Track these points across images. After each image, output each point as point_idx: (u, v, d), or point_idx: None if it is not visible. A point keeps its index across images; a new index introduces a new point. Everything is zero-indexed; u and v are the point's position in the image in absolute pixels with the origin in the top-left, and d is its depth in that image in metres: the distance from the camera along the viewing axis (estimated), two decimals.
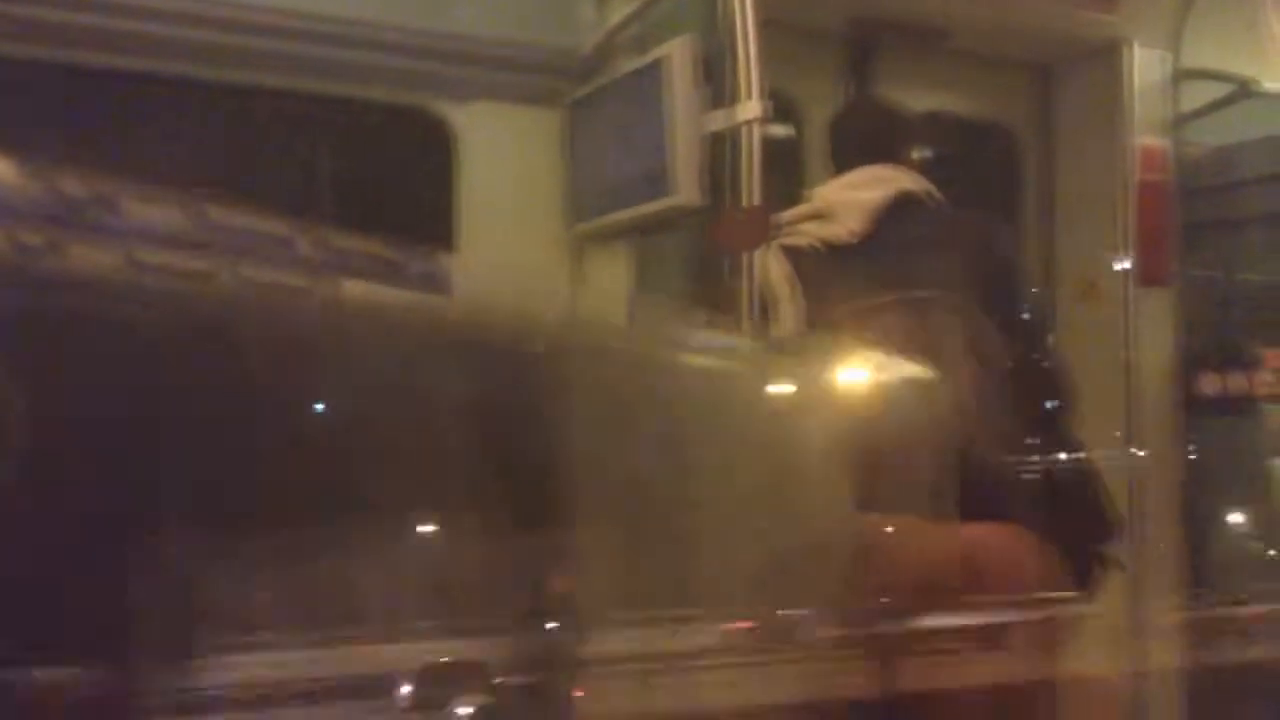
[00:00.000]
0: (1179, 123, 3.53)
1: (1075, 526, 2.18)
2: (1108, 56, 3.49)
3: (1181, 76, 3.52)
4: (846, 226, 2.45)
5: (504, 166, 2.94)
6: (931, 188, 2.55)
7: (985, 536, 0.43)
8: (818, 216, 2.52)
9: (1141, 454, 3.34)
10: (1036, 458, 2.21)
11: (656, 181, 2.65)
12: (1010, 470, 2.12)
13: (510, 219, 2.92)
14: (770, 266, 2.44)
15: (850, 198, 2.50)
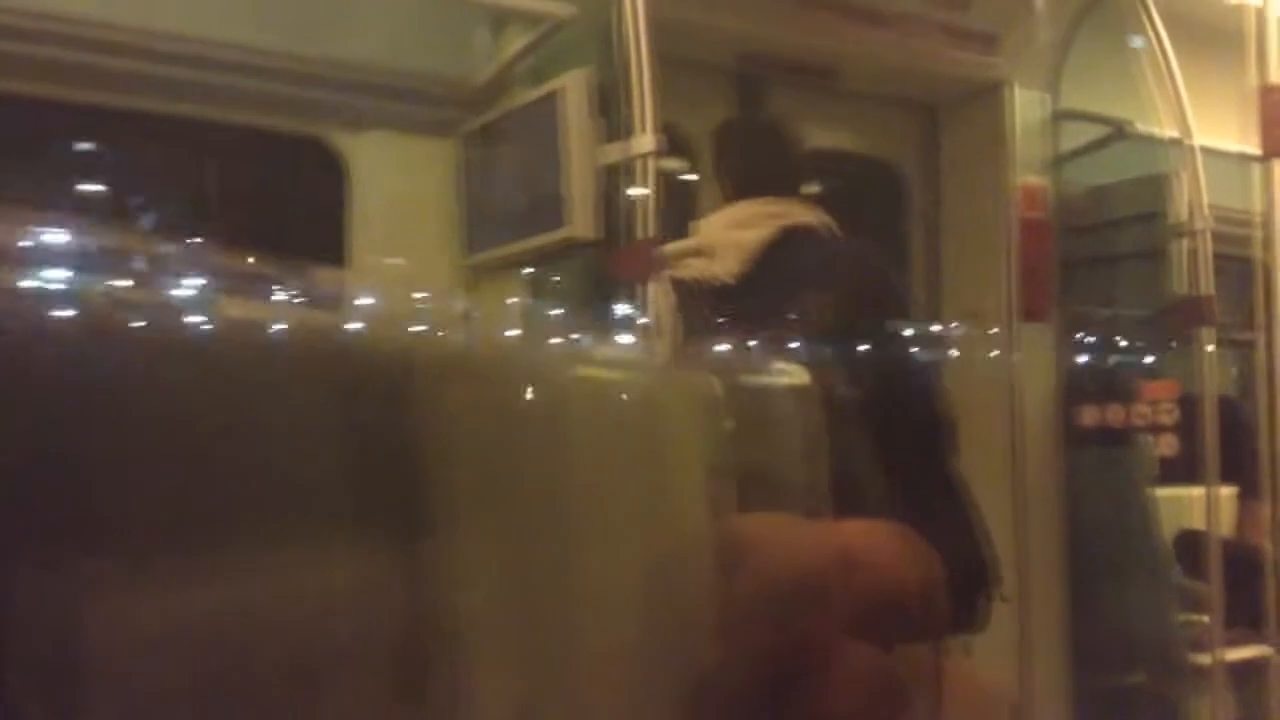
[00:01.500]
0: (1058, 162, 3.62)
1: (955, 561, 2.19)
2: (990, 97, 3.57)
3: (1060, 117, 3.62)
4: (725, 266, 2.43)
5: (398, 196, 2.91)
6: (824, 217, 2.54)
7: (865, 531, 0.42)
8: (699, 253, 2.50)
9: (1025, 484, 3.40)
10: (916, 491, 2.22)
11: (551, 213, 2.65)
12: (887, 498, 2.13)
13: (403, 249, 2.89)
14: (659, 299, 2.43)
15: (730, 238, 2.47)
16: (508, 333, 0.38)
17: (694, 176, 3.13)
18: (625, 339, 2.16)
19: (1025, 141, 3.54)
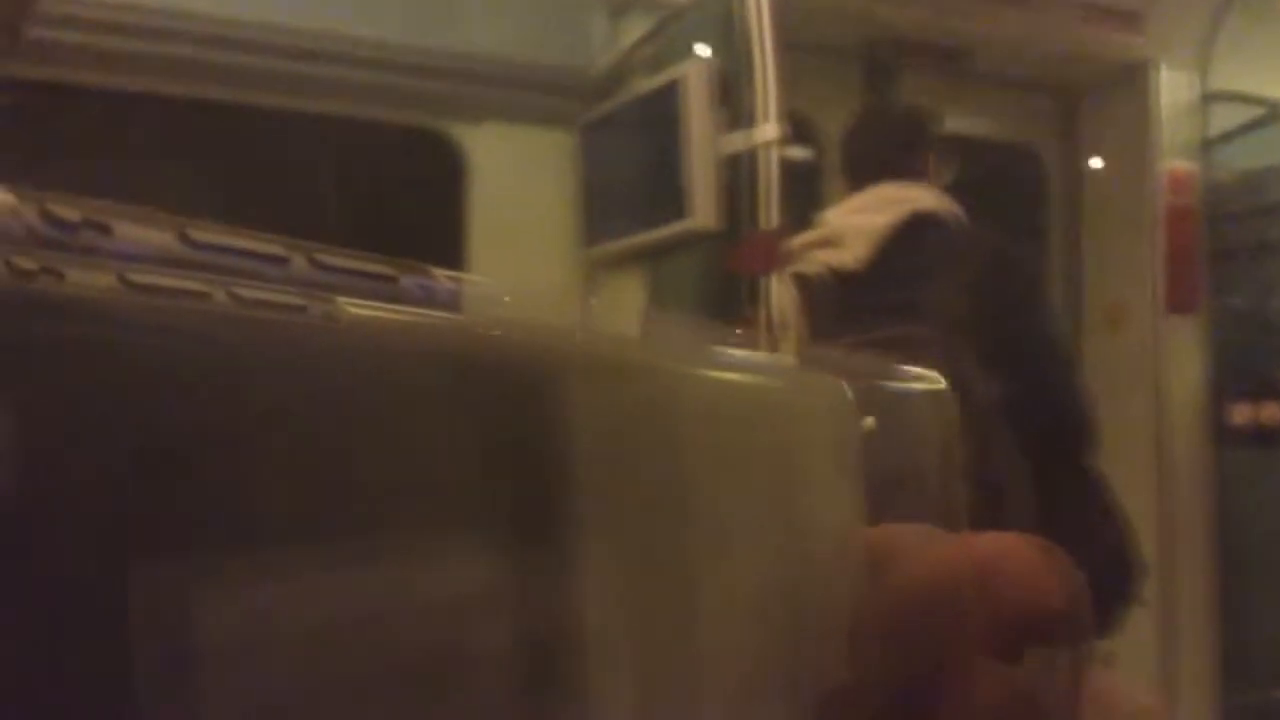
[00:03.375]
0: (1207, 146, 3.47)
1: (1097, 565, 2.12)
2: (1135, 79, 3.43)
3: (1210, 99, 3.47)
4: (854, 253, 2.33)
5: (516, 188, 2.90)
6: (952, 205, 2.43)
7: (1004, 544, 0.39)
8: (826, 243, 2.40)
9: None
10: (1056, 493, 2.15)
11: (672, 204, 2.60)
12: (1026, 503, 2.06)
13: (522, 242, 2.87)
14: (780, 294, 2.36)
15: (857, 223, 2.37)
16: (630, 334, 0.36)
17: (817, 165, 3.06)
18: (749, 339, 2.10)
19: (1172, 125, 3.39)
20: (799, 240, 2.45)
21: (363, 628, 0.25)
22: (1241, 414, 3.42)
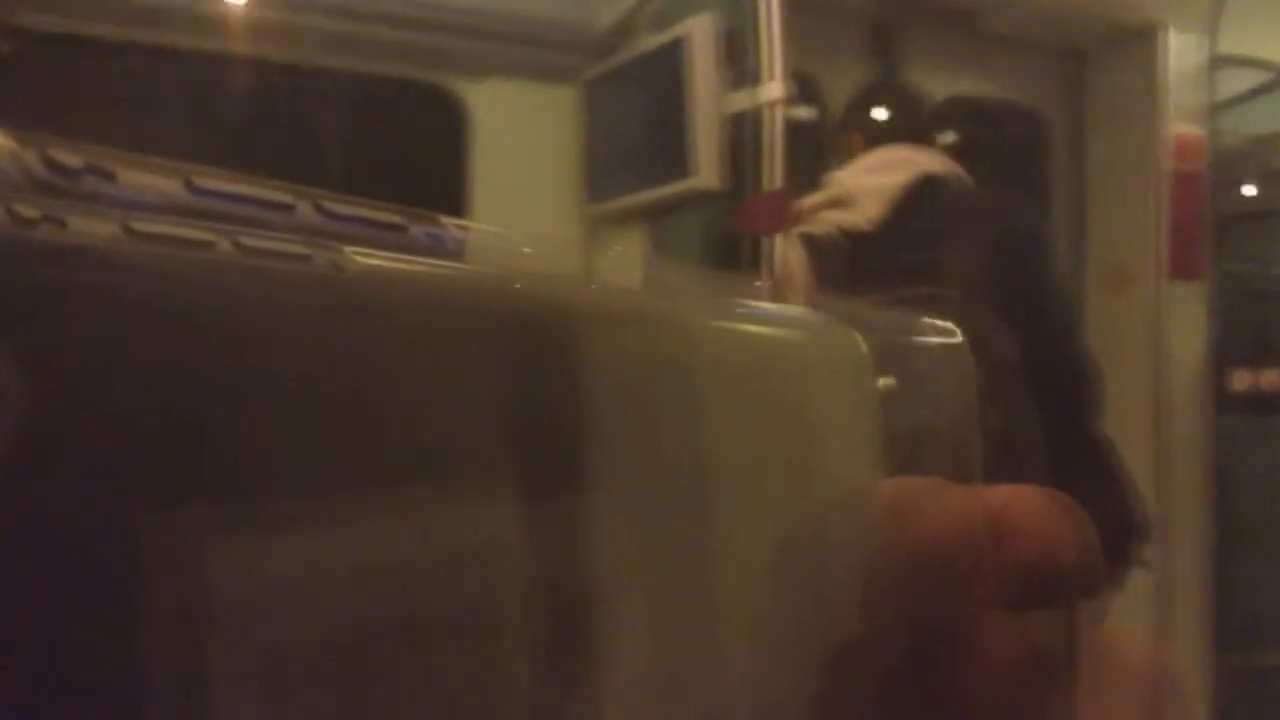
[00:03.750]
0: (1215, 111, 3.45)
1: (1101, 525, 2.15)
2: (1142, 41, 3.40)
3: (1219, 63, 3.44)
4: (866, 213, 2.32)
5: (518, 145, 2.88)
6: (959, 169, 2.42)
7: (1018, 497, 0.39)
8: (837, 203, 2.39)
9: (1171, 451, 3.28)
10: (1064, 454, 2.16)
11: (675, 163, 2.59)
12: (1041, 461, 2.07)
13: (524, 198, 2.86)
14: (788, 255, 2.36)
15: (868, 183, 2.36)
16: (642, 286, 0.37)
17: (821, 125, 3.04)
18: (766, 291, 2.10)
19: (1179, 88, 3.37)
20: (809, 200, 2.44)
21: (379, 581, 0.25)
22: (1242, 380, 3.42)
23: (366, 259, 0.27)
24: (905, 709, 0.33)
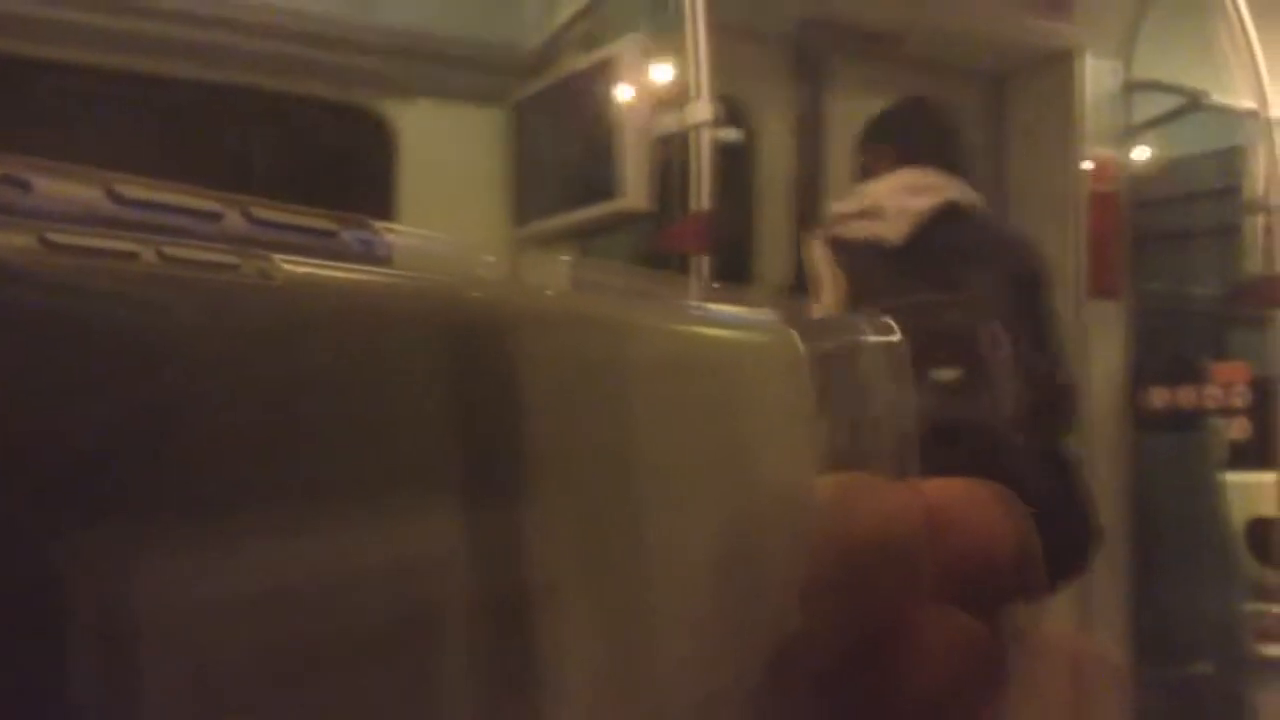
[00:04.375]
0: (1130, 134, 3.53)
1: (1067, 527, 2.35)
2: (1060, 66, 3.48)
3: (1134, 87, 3.52)
4: (895, 229, 2.47)
5: (446, 166, 2.87)
6: (977, 197, 2.60)
7: (955, 489, 0.39)
8: (867, 215, 2.53)
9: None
10: (1037, 459, 2.36)
11: (603, 184, 2.60)
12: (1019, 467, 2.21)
13: (452, 220, 2.85)
14: (816, 254, 2.49)
15: (901, 203, 2.51)
16: (575, 288, 0.35)
17: (747, 147, 3.07)
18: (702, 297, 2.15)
19: (1096, 112, 3.44)
20: (840, 207, 2.59)
21: (312, 593, 0.24)
22: (1160, 396, 3.48)
23: (296, 267, 0.26)
24: (845, 703, 0.32)
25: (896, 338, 0.40)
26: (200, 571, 0.21)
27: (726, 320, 0.35)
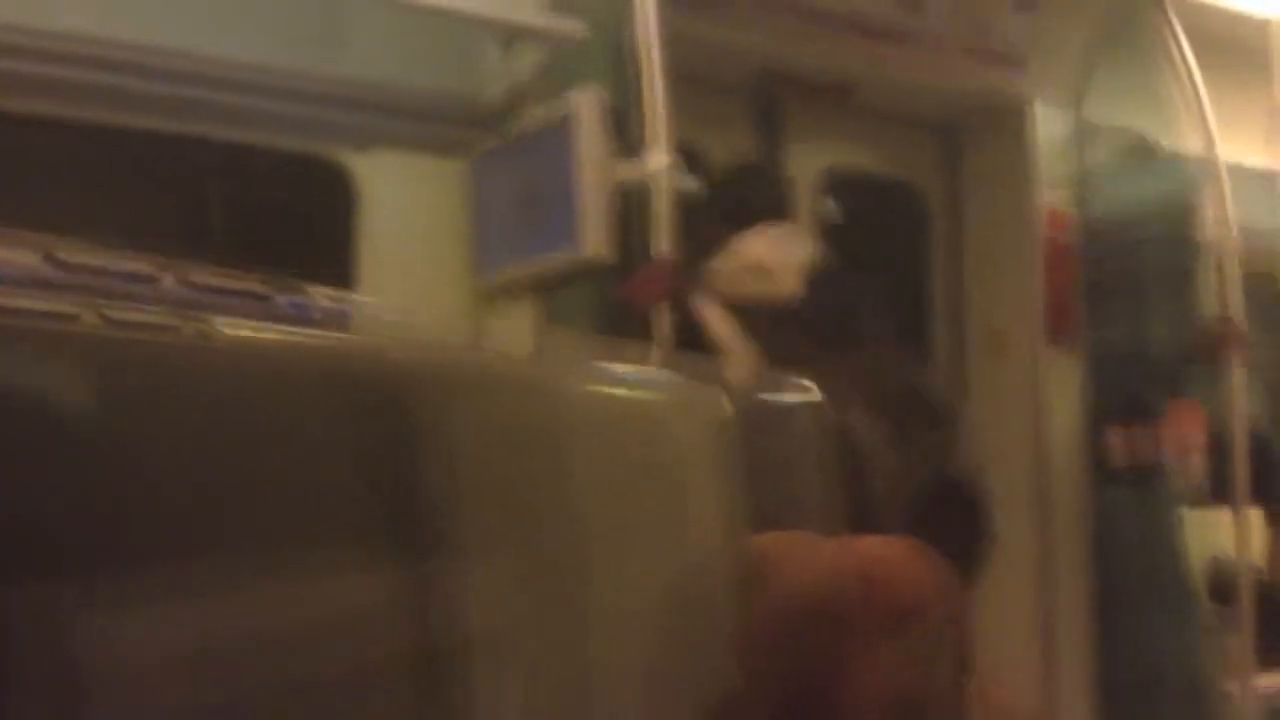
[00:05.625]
0: (1083, 180, 3.58)
1: (957, 527, 2.30)
2: (1013, 117, 3.52)
3: (1086, 134, 3.57)
4: (789, 286, 2.46)
5: (407, 217, 2.88)
6: (821, 249, 2.62)
7: (881, 546, 0.42)
8: (755, 270, 2.51)
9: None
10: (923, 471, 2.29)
11: (564, 234, 2.61)
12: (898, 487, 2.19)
13: (412, 271, 2.85)
14: (715, 322, 2.46)
15: (785, 258, 2.50)
16: (518, 353, 0.35)
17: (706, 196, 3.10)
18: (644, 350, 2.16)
19: (1049, 160, 3.50)
20: (725, 266, 2.54)
21: (250, 645, 0.25)
22: (1116, 439, 3.51)
23: (234, 329, 0.27)
24: None
25: (818, 397, 0.42)
26: (140, 626, 0.21)
27: (656, 382, 0.36)
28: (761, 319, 2.44)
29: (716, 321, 2.45)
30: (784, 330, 2.41)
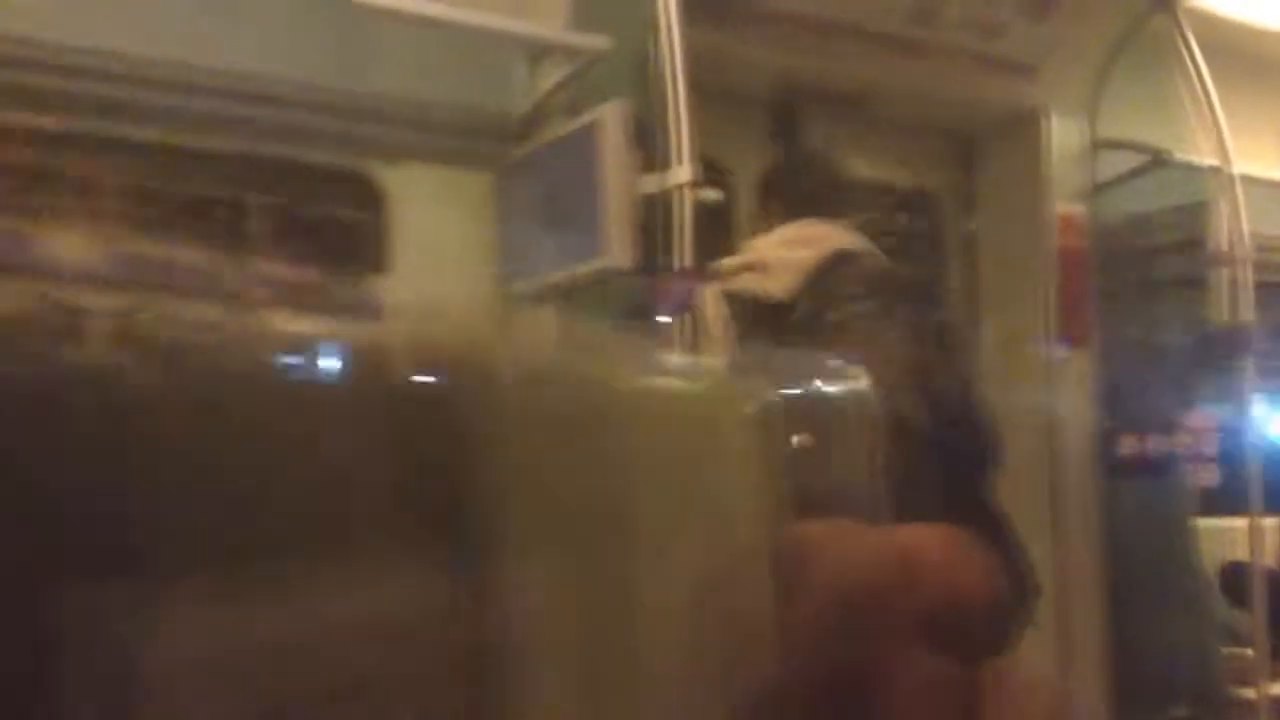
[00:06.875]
0: (1097, 190, 3.60)
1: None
2: (1027, 126, 3.56)
3: (1099, 145, 3.60)
4: (780, 284, 2.46)
5: (435, 228, 2.92)
6: (871, 246, 2.56)
7: (925, 535, 0.40)
8: (753, 269, 2.53)
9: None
10: (956, 519, 2.24)
11: (588, 243, 2.66)
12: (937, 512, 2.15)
13: (441, 280, 2.89)
14: (709, 308, 2.47)
15: (785, 256, 2.50)
16: (556, 344, 0.37)
17: (727, 206, 3.13)
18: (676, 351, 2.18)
19: (1062, 170, 3.52)
20: (728, 262, 2.56)
21: (281, 651, 0.24)
22: (1129, 444, 3.53)
23: (283, 323, 0.26)
24: None
25: (866, 385, 0.42)
26: (189, 628, 0.20)
27: (699, 371, 0.36)
28: (755, 316, 2.45)
29: (709, 310, 2.48)
30: (772, 326, 2.41)
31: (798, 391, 0.40)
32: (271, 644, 0.23)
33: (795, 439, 0.38)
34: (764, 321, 2.43)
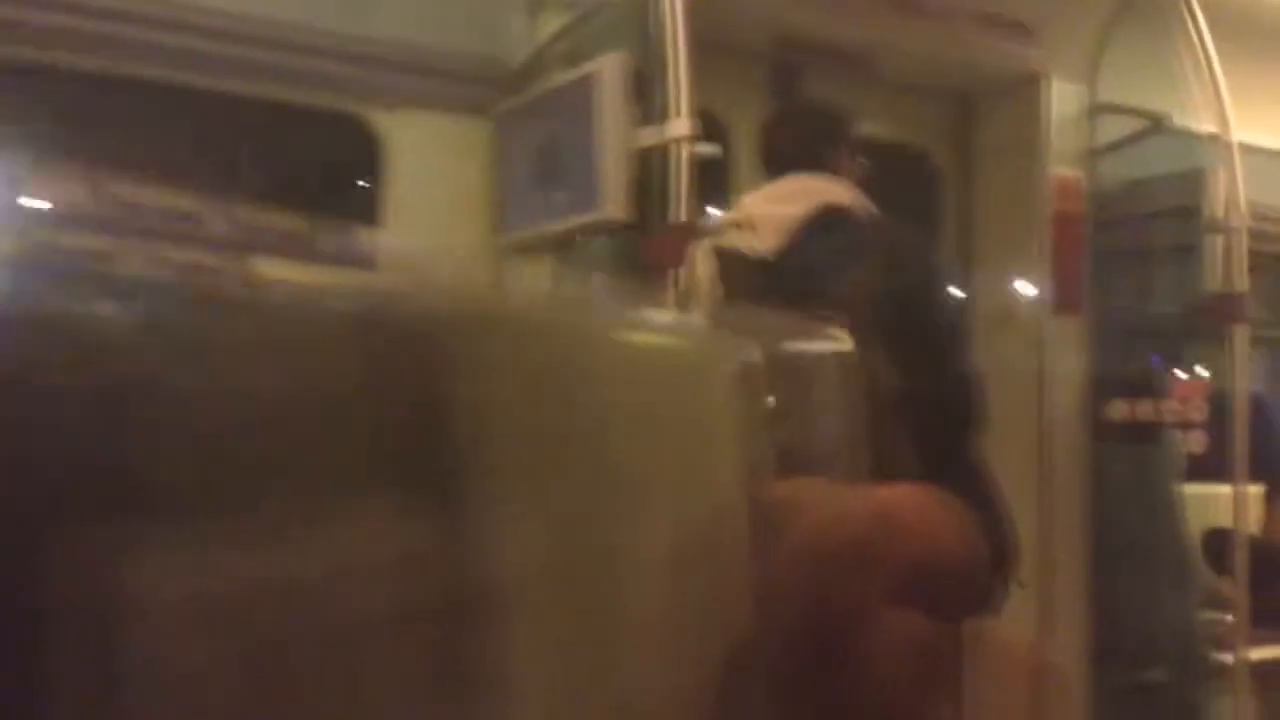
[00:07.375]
0: (1094, 155, 3.60)
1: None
2: (1026, 89, 3.55)
3: (1097, 110, 3.60)
4: (766, 241, 2.46)
5: (432, 175, 2.92)
6: (862, 199, 2.55)
7: (905, 494, 0.42)
8: (740, 226, 2.53)
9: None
10: (941, 479, 2.22)
11: (584, 195, 2.65)
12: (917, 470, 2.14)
13: (436, 228, 2.90)
14: (699, 264, 2.48)
15: (771, 212, 2.50)
16: (545, 298, 0.38)
17: (724, 160, 3.12)
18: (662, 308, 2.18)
19: (1061, 134, 3.52)
20: (718, 218, 2.59)
21: (282, 591, 0.25)
22: (1118, 410, 3.54)
23: (275, 271, 0.27)
24: (802, 703, 0.34)
25: (848, 346, 0.42)
26: (177, 571, 0.21)
27: (683, 328, 0.37)
28: (741, 272, 2.46)
29: (699, 266, 2.48)
30: (761, 286, 2.41)
31: (779, 350, 0.40)
32: (257, 588, 0.24)
33: (770, 399, 0.39)
34: (751, 279, 2.43)
